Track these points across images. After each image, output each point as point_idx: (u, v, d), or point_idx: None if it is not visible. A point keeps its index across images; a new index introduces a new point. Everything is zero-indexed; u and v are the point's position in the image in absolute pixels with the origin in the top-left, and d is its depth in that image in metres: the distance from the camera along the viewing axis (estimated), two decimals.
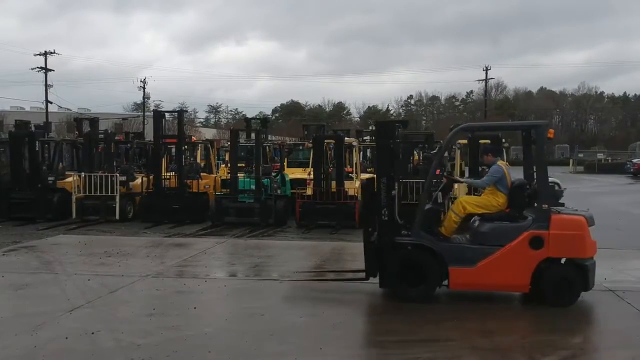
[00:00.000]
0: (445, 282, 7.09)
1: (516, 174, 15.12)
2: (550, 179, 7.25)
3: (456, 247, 7.13)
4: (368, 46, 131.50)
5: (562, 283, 6.83)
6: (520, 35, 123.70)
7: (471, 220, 7.43)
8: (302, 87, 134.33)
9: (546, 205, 6.83)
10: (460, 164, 16.61)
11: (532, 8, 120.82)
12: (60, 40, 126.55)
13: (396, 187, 7.35)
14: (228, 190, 15.42)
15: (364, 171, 18.03)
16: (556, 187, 7.09)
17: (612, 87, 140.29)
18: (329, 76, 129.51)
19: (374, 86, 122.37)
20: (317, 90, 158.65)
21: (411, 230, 7.14)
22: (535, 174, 7.36)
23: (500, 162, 7.53)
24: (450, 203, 8.35)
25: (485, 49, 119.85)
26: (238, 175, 15.12)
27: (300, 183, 16.04)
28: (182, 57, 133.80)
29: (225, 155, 24.91)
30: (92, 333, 5.75)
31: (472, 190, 10.23)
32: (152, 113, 30.21)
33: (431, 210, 7.31)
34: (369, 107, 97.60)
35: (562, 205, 7.31)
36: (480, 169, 15.20)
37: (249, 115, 32.89)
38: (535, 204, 7.06)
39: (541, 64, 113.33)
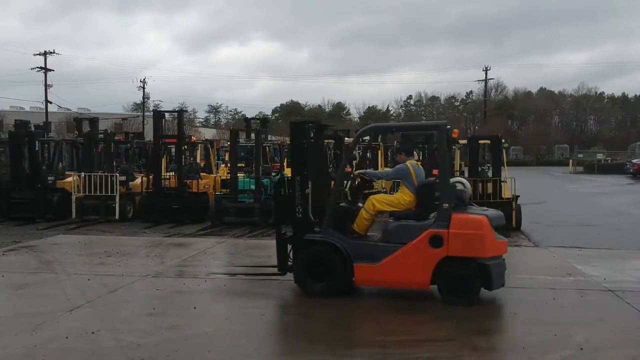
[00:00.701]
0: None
1: (513, 173, 15.23)
2: (455, 179, 7.39)
3: (363, 244, 7.29)
4: (370, 47, 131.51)
5: (459, 282, 6.90)
6: (521, 36, 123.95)
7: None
8: (303, 88, 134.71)
9: (447, 205, 6.89)
10: (460, 164, 16.64)
11: (533, 8, 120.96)
12: (64, 40, 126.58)
13: (310, 186, 7.52)
14: (228, 190, 15.43)
15: None
16: (458, 186, 7.15)
17: (612, 87, 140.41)
18: (331, 76, 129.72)
19: (376, 86, 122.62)
20: (318, 91, 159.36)
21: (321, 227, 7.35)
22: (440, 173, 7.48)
23: (409, 162, 7.64)
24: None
25: (487, 50, 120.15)
26: (238, 175, 15.13)
27: None
28: (184, 58, 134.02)
29: (225, 155, 24.93)
30: (92, 333, 5.75)
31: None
32: (152, 113, 30.21)
33: (344, 208, 7.55)
34: (368, 107, 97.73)
35: (469, 204, 7.35)
36: (479, 169, 15.25)
37: (249, 115, 32.82)
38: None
39: (543, 65, 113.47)
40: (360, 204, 7.61)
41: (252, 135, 17.56)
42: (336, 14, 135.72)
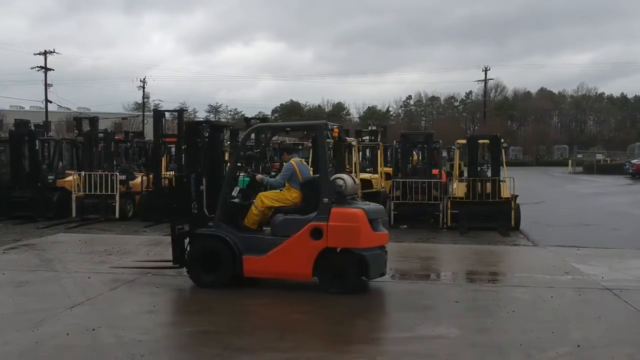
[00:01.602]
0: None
1: (512, 173, 15.26)
2: (337, 175, 7.70)
3: (252, 237, 7.62)
4: (373, 47, 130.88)
5: (338, 271, 7.24)
6: (523, 37, 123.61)
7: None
8: (305, 88, 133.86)
9: (327, 199, 7.25)
10: (460, 164, 16.67)
11: (536, 10, 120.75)
12: (70, 41, 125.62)
13: (204, 183, 7.86)
14: None
15: (362, 171, 18.08)
16: (339, 182, 7.43)
17: (611, 88, 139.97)
18: (333, 77, 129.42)
19: (377, 86, 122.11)
20: (320, 91, 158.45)
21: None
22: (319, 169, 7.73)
23: (293, 160, 7.99)
24: None
25: (489, 51, 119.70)
26: (238, 174, 15.12)
27: None
28: (189, 58, 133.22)
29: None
30: (93, 329, 5.78)
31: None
32: (152, 112, 30.29)
33: (235, 204, 7.88)
34: (368, 107, 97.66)
35: (352, 199, 7.77)
36: (479, 168, 15.29)
37: (249, 115, 32.89)
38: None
39: (544, 65, 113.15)
40: (253, 200, 7.89)
41: (252, 135, 17.56)
42: (340, 14, 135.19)
